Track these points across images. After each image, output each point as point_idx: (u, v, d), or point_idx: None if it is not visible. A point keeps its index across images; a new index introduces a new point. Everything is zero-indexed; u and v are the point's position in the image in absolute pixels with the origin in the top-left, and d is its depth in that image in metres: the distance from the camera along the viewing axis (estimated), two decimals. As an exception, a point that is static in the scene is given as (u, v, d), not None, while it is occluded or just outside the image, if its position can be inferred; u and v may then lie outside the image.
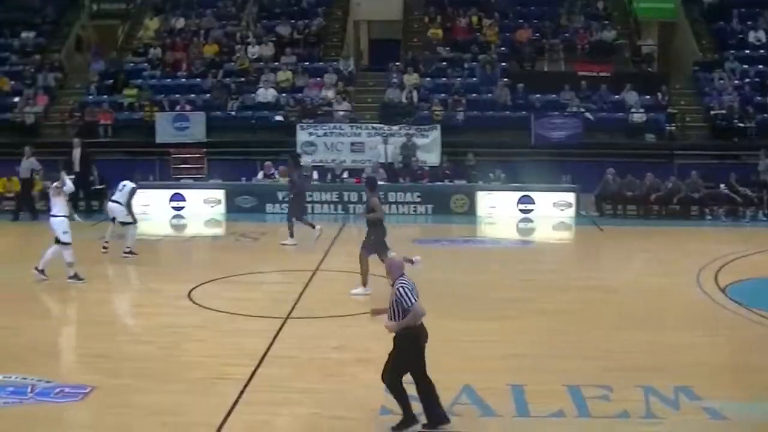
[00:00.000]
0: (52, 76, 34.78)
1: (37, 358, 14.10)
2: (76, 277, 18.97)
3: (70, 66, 36.84)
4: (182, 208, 27.89)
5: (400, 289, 10.78)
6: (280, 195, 27.54)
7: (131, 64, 35.43)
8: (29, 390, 12.54)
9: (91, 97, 33.86)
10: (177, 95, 32.78)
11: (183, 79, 34.18)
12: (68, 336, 15.47)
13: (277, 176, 28.20)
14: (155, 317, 16.55)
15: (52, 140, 31.73)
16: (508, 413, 11.61)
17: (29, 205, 27.72)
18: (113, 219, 22.12)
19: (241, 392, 12.30)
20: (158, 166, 30.31)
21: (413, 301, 10.74)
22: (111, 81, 34.27)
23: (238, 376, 12.88)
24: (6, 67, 35.57)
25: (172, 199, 27.98)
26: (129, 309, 17.18)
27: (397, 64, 33.95)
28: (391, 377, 11.06)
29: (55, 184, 19.48)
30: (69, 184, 19.51)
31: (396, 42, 36.99)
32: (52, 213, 19.19)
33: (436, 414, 11.07)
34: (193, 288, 18.18)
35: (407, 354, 10.96)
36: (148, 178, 28.42)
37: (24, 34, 37.11)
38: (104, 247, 22.05)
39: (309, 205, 26.10)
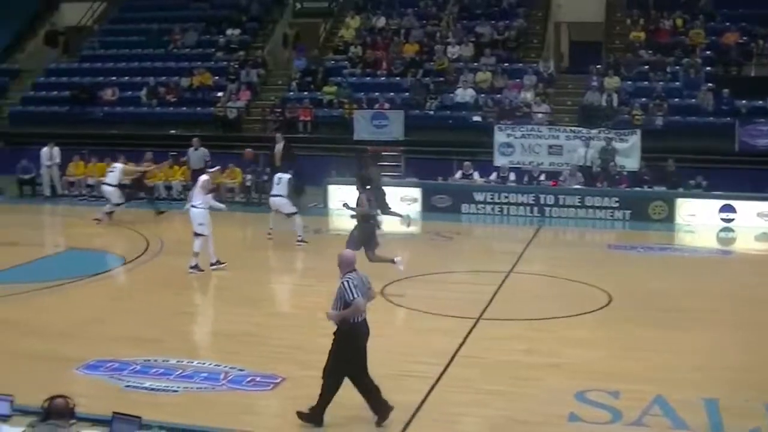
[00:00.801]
0: (255, 72, 35.62)
1: (231, 346, 14.47)
2: (197, 268, 19.56)
3: (273, 62, 37.66)
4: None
5: (345, 282, 11.06)
6: (476, 195, 27.50)
7: (332, 62, 35.96)
8: (222, 377, 12.89)
9: (292, 93, 34.53)
10: (376, 93, 33.08)
11: (382, 78, 34.48)
12: (262, 326, 15.78)
13: (476, 177, 28.16)
14: (348, 312, 16.73)
15: (252, 135, 32.50)
16: (701, 428, 11.26)
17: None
18: (276, 211, 22.74)
19: (430, 391, 12.35)
20: (355, 163, 30.59)
21: (355, 295, 10.93)
22: (311, 78, 34.86)
23: (428, 375, 12.94)
24: (211, 63, 36.62)
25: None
26: (321, 302, 17.29)
27: (598, 66, 33.41)
28: (332, 378, 11.20)
29: (205, 178, 20.09)
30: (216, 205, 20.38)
31: (597, 44, 36.45)
32: (192, 204, 19.82)
33: (383, 406, 11.23)
34: (387, 285, 18.30)
35: (344, 352, 11.15)
36: (345, 175, 28.75)
37: (229, 31, 38.16)
38: (298, 242, 22.66)
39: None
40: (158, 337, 15.00)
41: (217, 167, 23.14)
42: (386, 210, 23.96)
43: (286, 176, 22.98)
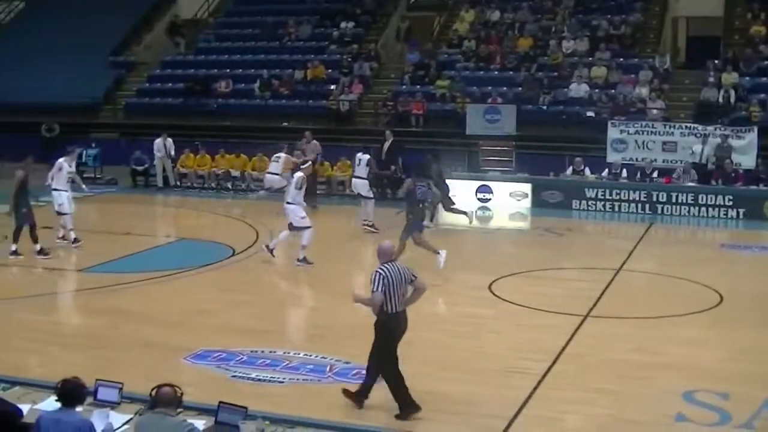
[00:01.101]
0: (367, 66, 35.74)
1: (337, 338, 14.54)
2: (305, 260, 19.72)
3: (386, 56, 37.76)
4: (488, 200, 28.03)
5: (375, 273, 11.27)
6: (587, 192, 27.24)
7: (445, 56, 35.93)
8: (328, 369, 12.98)
9: (404, 86, 34.58)
10: (489, 88, 32.92)
11: (496, 72, 34.34)
12: (369, 318, 15.80)
13: (587, 173, 27.88)
14: (455, 306, 16.76)
15: (364, 128, 32.65)
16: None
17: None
18: (359, 194, 23.00)
19: (535, 387, 12.26)
20: (467, 157, 30.57)
21: (376, 288, 11.10)
22: (424, 72, 34.87)
23: (533, 371, 12.85)
24: (324, 55, 36.84)
25: (478, 191, 28.15)
26: (430, 296, 17.31)
27: (716, 62, 32.80)
28: (374, 363, 11.50)
29: (300, 175, 20.24)
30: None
31: (715, 39, 35.77)
32: (287, 201, 19.99)
33: (409, 402, 11.26)
34: (494, 280, 18.25)
35: (378, 341, 11.38)
36: (456, 169, 28.74)
37: (343, 24, 38.39)
38: (365, 226, 23.32)
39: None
40: (265, 329, 15.16)
41: (309, 163, 23.29)
42: (449, 207, 23.99)
43: (366, 157, 23.11)
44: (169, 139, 31.01)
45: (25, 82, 37.26)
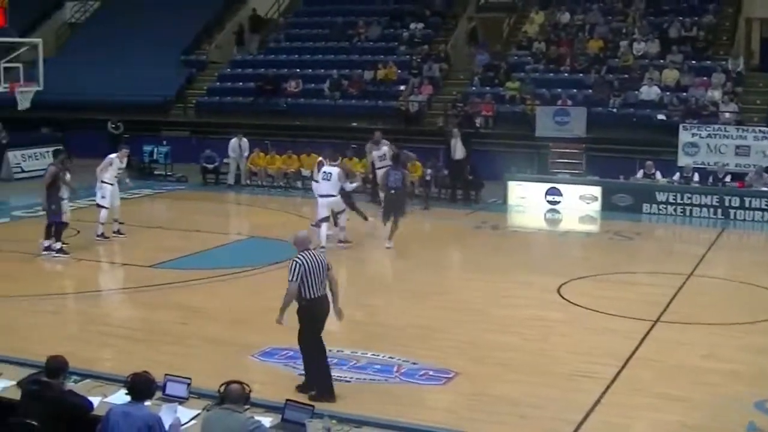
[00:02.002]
0: (437, 67, 35.69)
1: (405, 339, 14.54)
2: (345, 241, 21.34)
3: (456, 57, 37.69)
4: (558, 202, 27.85)
5: (292, 263, 11.66)
6: (658, 195, 26.92)
7: (515, 57, 35.79)
8: (395, 369, 12.98)
9: (474, 88, 34.52)
10: (559, 90, 32.77)
11: (565, 74, 34.14)
12: (437, 319, 15.82)
13: (658, 176, 27.58)
14: (523, 309, 16.65)
15: (433, 129, 32.60)
16: None
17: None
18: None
19: (604, 392, 12.17)
20: (536, 159, 30.44)
21: (292, 278, 11.52)
22: (494, 73, 34.77)
23: (602, 376, 12.77)
24: (394, 56, 36.86)
25: (548, 193, 27.97)
26: (498, 298, 17.34)
27: (791, 64, 32.37)
28: (303, 351, 12.02)
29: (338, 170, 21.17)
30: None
31: (790, 41, 35.32)
32: (331, 194, 21.08)
33: (326, 386, 11.61)
34: (563, 283, 18.13)
35: (303, 326, 11.83)
36: (525, 171, 28.64)
37: (413, 26, 38.38)
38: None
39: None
40: (333, 328, 15.14)
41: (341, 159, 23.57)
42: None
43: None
44: (245, 140, 31.18)
45: (99, 80, 37.84)
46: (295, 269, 11.53)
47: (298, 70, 37.29)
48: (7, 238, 20.68)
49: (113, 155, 22.04)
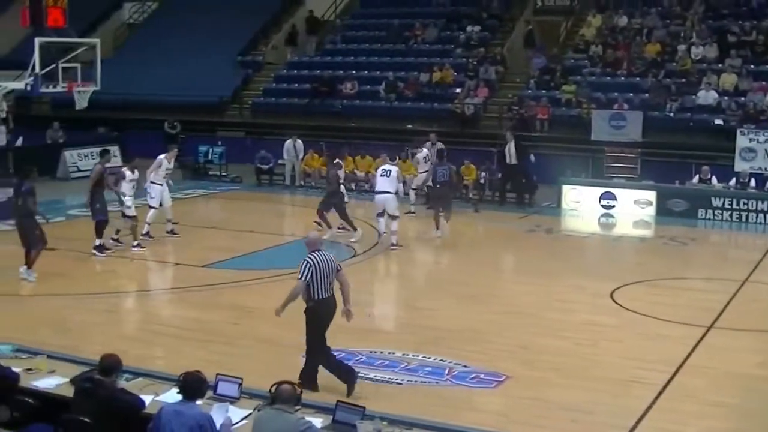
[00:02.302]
0: (493, 69, 35.61)
1: (457, 342, 14.54)
2: (397, 245, 21.32)
3: (512, 60, 37.57)
4: (612, 207, 27.66)
5: (303, 262, 11.93)
6: (714, 201, 26.67)
7: (571, 61, 35.62)
8: (446, 372, 12.99)
9: (529, 91, 34.40)
10: (615, 93, 32.55)
11: (622, 78, 33.89)
12: (489, 323, 15.80)
13: (714, 182, 27.31)
14: (576, 313, 16.58)
15: (488, 132, 32.51)
16: None
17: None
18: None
19: (656, 398, 12.10)
20: (591, 163, 30.27)
21: (301, 276, 11.85)
22: (550, 76, 34.64)
23: (654, 382, 12.69)
24: (450, 59, 36.80)
25: (602, 198, 27.80)
26: (551, 302, 17.28)
27: None
28: (308, 349, 12.19)
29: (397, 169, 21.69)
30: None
31: None
32: (389, 191, 21.47)
33: (312, 378, 11.97)
34: (616, 288, 18.02)
35: (309, 326, 12.09)
36: (580, 175, 28.50)
37: (469, 28, 38.31)
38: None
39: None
40: (385, 330, 15.26)
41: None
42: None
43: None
44: (299, 141, 31.30)
45: (155, 80, 38.18)
46: (305, 269, 11.83)
47: (353, 71, 37.34)
48: (63, 236, 20.85)
49: (162, 156, 22.27)
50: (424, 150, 26.93)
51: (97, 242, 20.37)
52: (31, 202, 17.84)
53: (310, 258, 11.87)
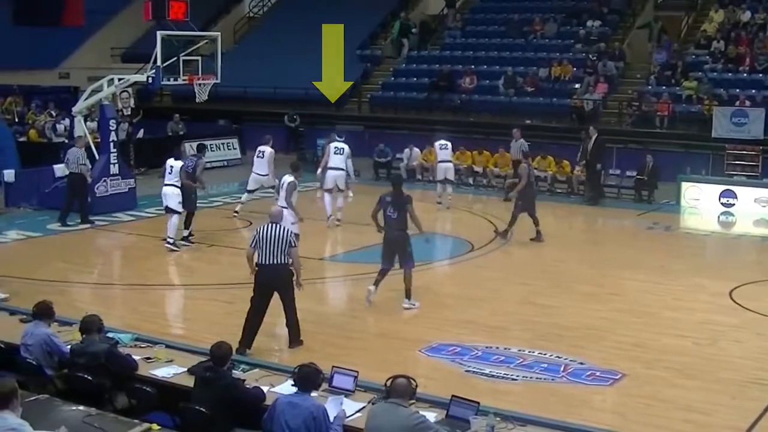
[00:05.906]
0: (613, 65, 35.28)
1: (573, 339, 14.54)
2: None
3: (632, 55, 37.15)
4: (732, 205, 27.25)
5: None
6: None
7: (693, 56, 35.07)
8: (562, 369, 13.00)
9: (650, 87, 33.99)
10: (737, 90, 32.00)
11: (744, 74, 33.29)
12: (607, 320, 15.73)
13: None
14: (695, 312, 16.40)
15: (608, 128, 32.21)
16: None
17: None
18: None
19: (774, 401, 11.95)
20: (711, 160, 29.84)
21: (250, 244, 13.56)
22: (671, 72, 34.19)
23: (773, 384, 12.54)
24: (570, 54, 36.58)
25: (722, 196, 27.41)
26: (670, 301, 17.10)
27: None
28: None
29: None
30: None
31: None
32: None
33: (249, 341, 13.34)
34: (736, 287, 17.78)
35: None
36: (699, 172, 28.13)
37: (589, 23, 38.00)
38: None
39: None
40: (501, 325, 15.28)
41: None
42: None
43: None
44: (416, 149, 31.60)
45: (274, 73, 38.59)
46: (251, 237, 13.64)
47: (472, 66, 37.28)
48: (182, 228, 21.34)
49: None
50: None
51: (185, 233, 21.05)
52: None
53: (258, 228, 13.56)
